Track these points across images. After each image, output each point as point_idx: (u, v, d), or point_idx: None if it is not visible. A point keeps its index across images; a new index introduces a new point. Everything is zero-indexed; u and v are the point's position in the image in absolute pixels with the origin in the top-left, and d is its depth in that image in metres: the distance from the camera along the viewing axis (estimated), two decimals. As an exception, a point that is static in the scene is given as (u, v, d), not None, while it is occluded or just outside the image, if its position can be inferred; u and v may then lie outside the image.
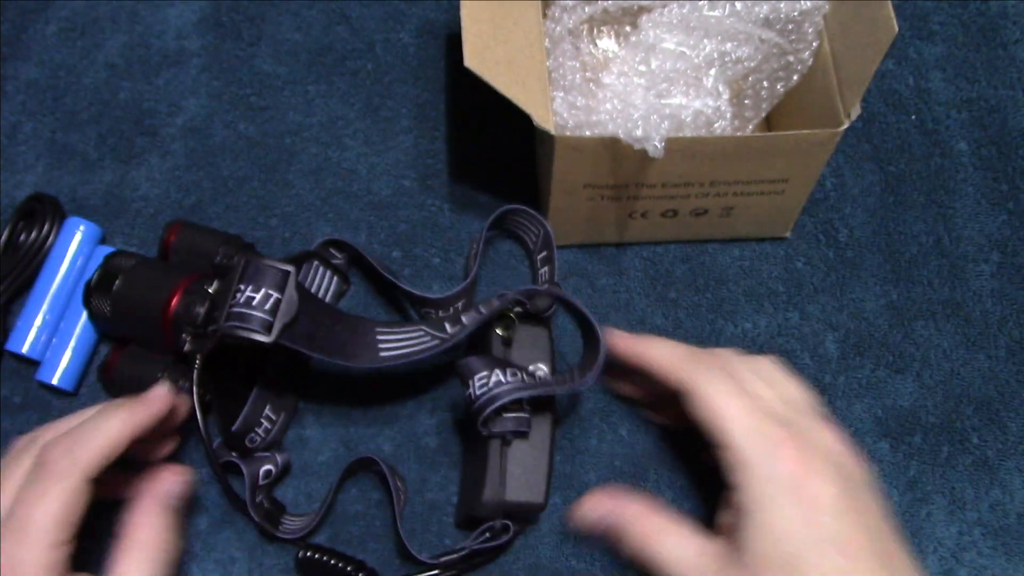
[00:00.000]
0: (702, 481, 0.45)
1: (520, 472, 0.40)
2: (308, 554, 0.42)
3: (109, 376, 0.44)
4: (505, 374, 0.40)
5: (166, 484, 0.39)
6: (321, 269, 0.47)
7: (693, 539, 0.38)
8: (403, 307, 0.49)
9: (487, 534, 0.41)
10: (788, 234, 0.51)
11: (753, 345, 0.48)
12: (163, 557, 0.37)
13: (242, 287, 0.39)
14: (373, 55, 0.55)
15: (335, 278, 0.48)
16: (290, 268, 0.39)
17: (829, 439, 0.38)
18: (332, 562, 0.42)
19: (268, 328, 0.38)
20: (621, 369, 0.44)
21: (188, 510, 0.43)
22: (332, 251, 0.48)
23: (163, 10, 0.55)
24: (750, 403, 0.38)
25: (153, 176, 0.51)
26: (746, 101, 0.47)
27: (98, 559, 0.36)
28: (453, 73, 0.55)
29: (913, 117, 0.54)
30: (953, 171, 0.53)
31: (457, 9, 0.50)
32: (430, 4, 0.56)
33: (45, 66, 0.54)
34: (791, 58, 0.45)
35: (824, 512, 0.35)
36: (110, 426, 0.37)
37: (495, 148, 0.52)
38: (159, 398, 0.40)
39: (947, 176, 0.53)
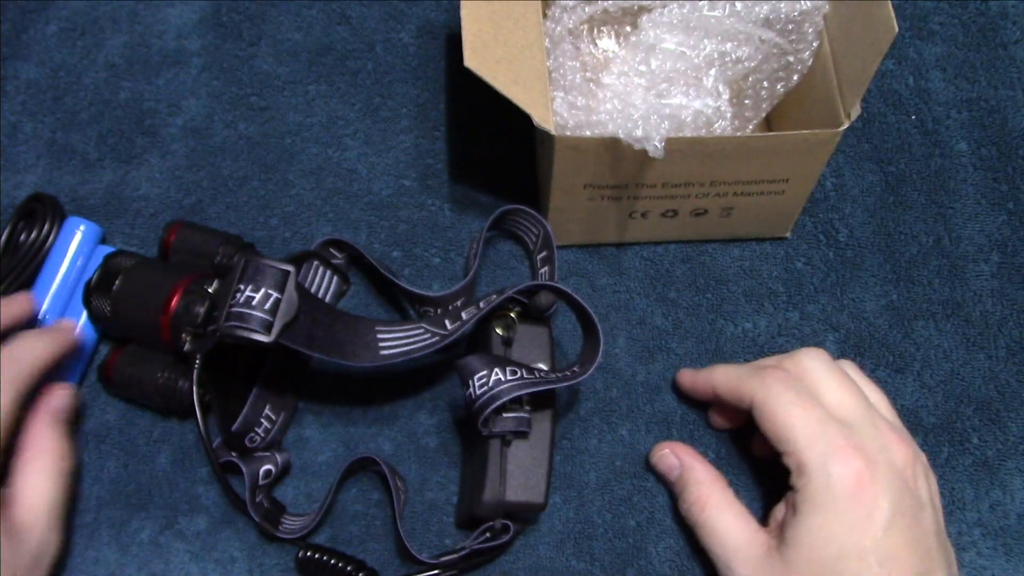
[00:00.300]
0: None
1: (520, 472, 0.40)
2: (308, 554, 0.42)
3: (109, 376, 0.44)
4: (505, 372, 0.40)
5: (55, 399, 0.42)
6: (321, 269, 0.47)
7: (747, 523, 0.39)
8: (403, 306, 0.49)
9: (487, 534, 0.41)
10: (788, 234, 0.51)
11: (753, 345, 0.48)
12: (62, 465, 0.41)
13: (242, 287, 0.39)
14: (373, 55, 0.55)
15: (335, 278, 0.48)
16: (290, 268, 0.39)
17: (896, 451, 0.38)
18: (332, 562, 0.42)
19: (268, 328, 0.38)
20: (705, 401, 0.45)
21: (77, 422, 0.45)
22: (332, 251, 0.48)
23: (163, 10, 0.55)
24: (814, 411, 0.38)
25: (153, 176, 0.51)
26: (746, 101, 0.47)
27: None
28: (453, 73, 0.55)
29: (913, 117, 0.54)
30: (953, 171, 0.53)
31: (457, 9, 0.50)
32: (430, 4, 0.56)
33: (45, 66, 0.54)
34: (791, 58, 0.45)
35: (875, 524, 0.35)
36: (40, 347, 0.41)
37: (495, 148, 0.52)
38: (68, 328, 0.45)
39: (947, 176, 0.53)
